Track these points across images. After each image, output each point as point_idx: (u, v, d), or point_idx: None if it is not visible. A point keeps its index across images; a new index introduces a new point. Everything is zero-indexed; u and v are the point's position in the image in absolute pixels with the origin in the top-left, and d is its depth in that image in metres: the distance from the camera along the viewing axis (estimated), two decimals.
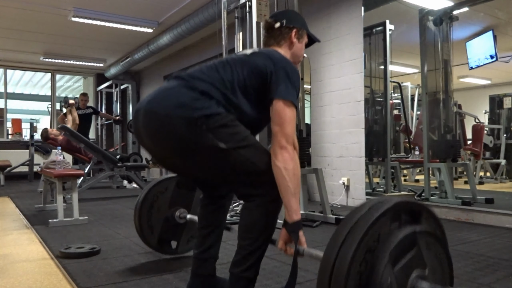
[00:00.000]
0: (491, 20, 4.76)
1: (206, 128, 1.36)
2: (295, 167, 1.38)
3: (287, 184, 1.36)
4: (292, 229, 1.41)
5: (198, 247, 1.69)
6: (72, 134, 5.44)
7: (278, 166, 1.38)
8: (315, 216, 3.51)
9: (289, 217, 1.40)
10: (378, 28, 4.70)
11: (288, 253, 1.43)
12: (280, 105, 1.42)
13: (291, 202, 1.38)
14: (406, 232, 1.08)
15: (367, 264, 1.03)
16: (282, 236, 1.44)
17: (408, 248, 1.08)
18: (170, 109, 1.37)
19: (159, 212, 2.25)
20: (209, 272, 1.68)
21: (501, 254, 2.42)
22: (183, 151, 1.42)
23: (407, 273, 1.08)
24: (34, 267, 2.25)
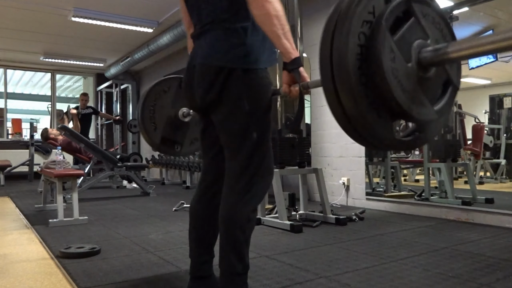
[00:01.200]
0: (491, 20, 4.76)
1: (242, 81, 1.43)
2: (275, 8, 1.34)
3: (273, 28, 1.36)
4: (292, 66, 1.39)
5: (194, 249, 1.67)
6: (72, 134, 5.45)
7: (257, 14, 1.37)
8: (315, 216, 3.51)
9: (286, 57, 1.39)
10: None
11: (294, 92, 1.43)
12: None
13: (283, 43, 1.37)
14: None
15: (365, 36, 1.02)
16: (284, 79, 1.44)
17: (405, 18, 1.06)
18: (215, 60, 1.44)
19: (162, 110, 2.20)
20: (207, 274, 1.67)
21: (501, 254, 2.42)
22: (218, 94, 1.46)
23: (408, 42, 1.06)
24: (34, 267, 2.25)
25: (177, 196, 5.23)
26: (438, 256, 2.37)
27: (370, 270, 2.10)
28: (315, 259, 2.32)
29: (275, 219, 3.27)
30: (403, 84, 1.04)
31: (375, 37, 1.02)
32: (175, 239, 2.85)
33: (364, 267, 2.15)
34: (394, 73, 1.02)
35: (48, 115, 9.69)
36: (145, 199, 5.24)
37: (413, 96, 1.06)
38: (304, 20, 4.31)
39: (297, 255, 2.40)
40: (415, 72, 1.06)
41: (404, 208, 4.00)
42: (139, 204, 4.71)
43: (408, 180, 5.98)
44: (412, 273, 2.05)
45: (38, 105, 12.57)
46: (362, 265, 2.19)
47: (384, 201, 4.21)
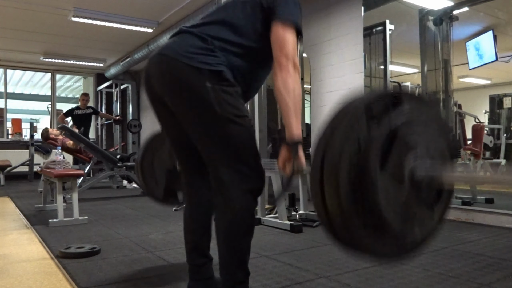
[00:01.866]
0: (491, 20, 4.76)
1: (211, 85, 1.37)
2: (294, 85, 1.37)
3: (286, 103, 1.36)
4: (292, 146, 1.40)
5: (190, 253, 1.67)
6: (72, 134, 5.45)
7: (277, 86, 1.38)
8: (315, 216, 3.51)
9: (289, 133, 1.40)
10: (378, 28, 4.70)
11: (287, 172, 1.42)
12: (280, 26, 1.42)
13: (291, 120, 1.38)
14: (385, 131, 1.01)
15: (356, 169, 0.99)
16: (282, 155, 1.43)
17: (391, 144, 1.02)
18: (183, 57, 1.39)
19: (161, 164, 2.21)
20: (206, 276, 1.67)
21: (501, 254, 2.42)
22: (182, 94, 1.42)
23: (400, 162, 1.03)
24: (34, 267, 2.25)
25: None
26: (438, 256, 2.37)
27: (370, 270, 2.10)
28: (315, 259, 2.32)
29: (275, 219, 3.27)
30: (395, 206, 1.02)
31: (365, 169, 0.99)
32: (175, 239, 2.85)
33: (364, 267, 2.15)
34: (385, 196, 1.00)
35: (48, 115, 9.69)
36: (145, 199, 5.24)
37: (406, 215, 1.04)
38: (304, 20, 4.31)
39: (297, 255, 2.40)
40: (407, 191, 1.03)
41: None
42: (139, 204, 4.71)
43: None
44: (412, 273, 2.05)
45: (38, 105, 12.57)
46: (362, 265, 2.19)
47: None
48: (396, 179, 1.02)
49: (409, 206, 1.05)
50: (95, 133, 9.48)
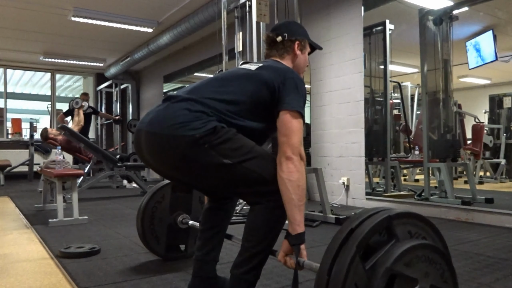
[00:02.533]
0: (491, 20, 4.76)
1: (209, 146, 1.35)
2: (300, 178, 1.36)
3: (291, 196, 1.35)
4: (294, 241, 1.37)
5: (200, 249, 1.68)
6: (72, 134, 5.44)
7: (282, 177, 1.36)
8: (315, 216, 3.51)
9: (292, 229, 1.38)
10: (378, 28, 4.70)
11: (288, 264, 1.40)
12: (287, 116, 1.42)
13: (295, 214, 1.37)
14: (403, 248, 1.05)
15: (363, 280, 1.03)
16: (283, 248, 1.41)
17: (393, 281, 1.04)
18: (172, 129, 1.36)
19: (162, 221, 2.25)
20: (210, 274, 1.68)
21: (501, 254, 2.42)
22: (187, 169, 1.43)
23: None
24: (34, 267, 2.25)
25: None
26: None
27: None
28: (315, 259, 2.31)
29: None
30: None
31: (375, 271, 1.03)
32: None
33: None
34: None
35: (48, 115, 9.69)
36: None
37: None
38: (304, 20, 4.31)
39: None
40: None
41: (404, 208, 4.00)
42: (139, 204, 4.70)
43: (408, 180, 5.98)
44: None
45: (38, 105, 12.57)
46: None
47: (384, 201, 4.21)
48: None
49: None
50: (95, 133, 9.48)
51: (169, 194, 2.26)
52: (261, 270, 1.47)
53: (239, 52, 3.97)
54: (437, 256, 1.12)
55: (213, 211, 1.70)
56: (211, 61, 6.96)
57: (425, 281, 1.07)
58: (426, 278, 1.08)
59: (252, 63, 1.66)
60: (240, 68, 1.63)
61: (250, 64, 1.63)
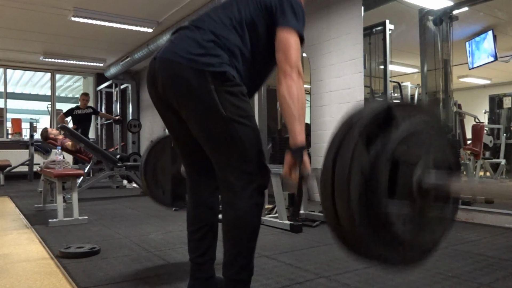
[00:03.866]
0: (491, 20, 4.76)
1: (214, 87, 1.37)
2: (299, 92, 1.38)
3: (291, 111, 1.37)
4: (296, 152, 1.39)
5: (194, 252, 1.66)
6: (72, 134, 5.45)
7: (281, 92, 1.39)
8: (315, 216, 3.51)
9: (293, 140, 1.39)
10: (378, 28, 4.70)
11: (293, 178, 1.42)
12: (284, 33, 1.43)
13: (295, 127, 1.38)
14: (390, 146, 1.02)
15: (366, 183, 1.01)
16: (286, 162, 1.42)
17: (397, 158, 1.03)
18: (182, 58, 1.39)
19: (165, 172, 2.23)
20: (208, 275, 1.66)
21: (501, 254, 2.42)
22: (186, 103, 1.42)
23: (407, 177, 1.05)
24: (34, 267, 2.25)
25: None
26: (438, 256, 2.37)
27: (370, 270, 2.10)
28: (315, 259, 2.32)
29: (275, 219, 3.27)
30: (403, 217, 1.04)
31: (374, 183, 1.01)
32: (175, 239, 2.85)
33: (364, 267, 2.15)
34: (395, 208, 1.02)
35: (48, 115, 9.69)
36: (145, 199, 5.23)
37: (414, 225, 1.06)
38: None
39: (297, 255, 2.40)
40: (416, 201, 1.06)
41: None
42: (139, 204, 4.71)
43: None
44: (412, 273, 2.05)
45: (38, 105, 12.57)
46: (362, 265, 2.18)
47: None
48: (404, 190, 1.04)
49: (418, 216, 1.07)
50: (95, 133, 9.48)
51: (169, 145, 2.24)
52: (252, 265, 1.47)
53: None
54: (436, 135, 1.12)
55: (198, 210, 1.66)
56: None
57: (427, 157, 1.08)
58: (428, 156, 1.08)
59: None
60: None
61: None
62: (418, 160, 1.06)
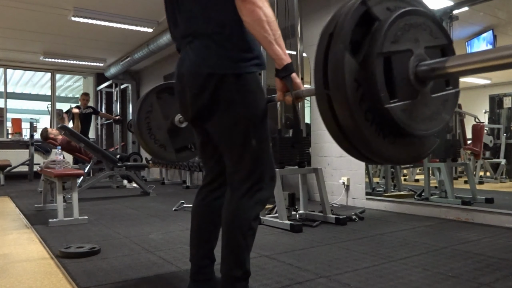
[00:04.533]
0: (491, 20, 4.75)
1: (235, 87, 1.40)
2: (263, 13, 1.31)
3: (263, 34, 1.32)
4: (284, 74, 1.37)
5: (195, 253, 1.66)
6: (72, 134, 5.45)
7: (246, 21, 1.34)
8: (315, 215, 3.51)
9: (278, 63, 1.37)
10: None
11: (287, 100, 1.42)
12: None
13: (275, 49, 1.34)
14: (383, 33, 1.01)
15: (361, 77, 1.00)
16: (277, 86, 1.42)
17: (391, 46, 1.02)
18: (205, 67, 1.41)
19: (160, 129, 2.23)
20: (207, 277, 1.67)
21: (501, 254, 2.42)
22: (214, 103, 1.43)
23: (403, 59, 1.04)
24: (34, 267, 2.25)
25: (177, 196, 5.23)
26: (438, 256, 2.37)
27: (370, 270, 2.10)
28: (315, 259, 2.31)
29: (275, 219, 3.27)
30: (404, 105, 1.02)
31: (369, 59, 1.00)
32: (175, 239, 2.85)
33: (364, 267, 2.15)
34: (394, 97, 1.00)
35: (48, 115, 9.69)
36: (145, 199, 5.24)
37: (413, 112, 1.04)
38: (304, 20, 4.31)
39: (297, 255, 2.40)
40: (412, 87, 1.04)
41: (404, 208, 4.00)
42: (139, 204, 4.71)
43: (408, 179, 5.98)
44: (412, 272, 2.05)
45: (38, 105, 12.58)
46: (362, 265, 2.19)
47: (384, 201, 4.21)
48: (402, 78, 1.02)
49: (417, 104, 1.06)
50: (95, 133, 9.48)
51: (156, 101, 2.23)
52: (247, 263, 1.47)
53: None
54: (419, 18, 1.08)
55: (205, 209, 1.67)
56: None
57: (418, 47, 1.05)
58: (418, 43, 1.06)
59: None
60: None
61: None
62: (409, 50, 1.04)
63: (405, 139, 1.07)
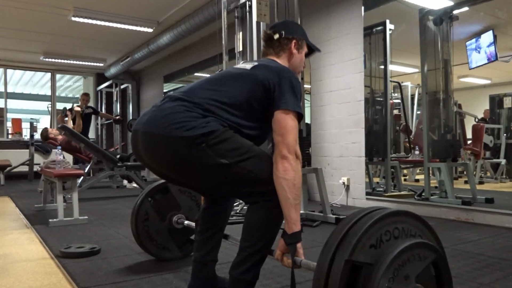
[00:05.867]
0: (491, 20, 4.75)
1: (206, 145, 1.35)
2: (295, 177, 1.36)
3: (286, 195, 1.35)
4: (291, 240, 1.38)
5: (198, 251, 1.67)
6: (72, 134, 5.44)
7: (278, 176, 1.37)
8: (315, 216, 3.51)
9: (288, 228, 1.38)
10: (378, 28, 4.70)
11: (285, 263, 1.41)
12: (282, 115, 1.41)
13: (291, 213, 1.36)
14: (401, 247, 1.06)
15: None
16: (280, 246, 1.42)
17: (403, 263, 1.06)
18: (168, 130, 1.36)
19: (159, 232, 2.25)
20: (209, 275, 1.67)
21: (501, 253, 2.42)
22: (184, 170, 1.43)
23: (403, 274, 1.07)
24: (34, 267, 2.25)
25: None
26: None
27: None
28: (315, 259, 2.31)
29: None
30: None
31: None
32: None
33: None
34: None
35: (48, 115, 9.69)
36: None
37: None
38: (304, 20, 4.31)
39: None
40: None
41: (404, 208, 4.00)
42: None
43: (408, 180, 5.98)
44: None
45: (38, 105, 12.57)
46: None
47: (384, 201, 4.21)
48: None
49: None
50: (95, 133, 9.49)
51: (151, 206, 2.25)
52: (259, 269, 1.47)
53: (239, 52, 3.97)
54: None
55: (211, 211, 1.69)
56: (211, 61, 6.96)
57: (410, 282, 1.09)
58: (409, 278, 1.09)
59: (247, 62, 1.65)
60: (235, 67, 1.62)
61: (246, 63, 1.62)
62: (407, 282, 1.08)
63: None
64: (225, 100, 1.43)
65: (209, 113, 1.40)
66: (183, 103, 1.41)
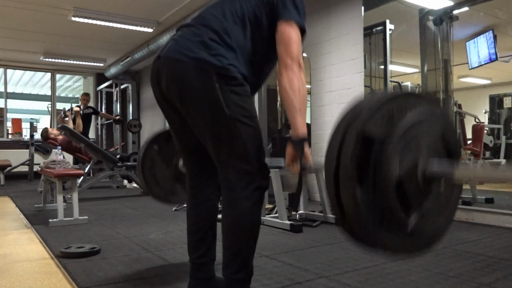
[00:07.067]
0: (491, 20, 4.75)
1: (219, 86, 1.37)
2: (300, 84, 1.39)
3: (292, 102, 1.38)
4: (298, 144, 1.40)
5: (193, 252, 1.66)
6: (72, 134, 5.45)
7: (283, 85, 1.40)
8: (315, 215, 3.51)
9: (295, 132, 1.40)
10: (378, 28, 4.70)
11: (295, 169, 1.44)
12: (285, 26, 1.44)
13: (296, 119, 1.39)
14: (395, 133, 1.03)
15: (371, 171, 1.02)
16: (288, 153, 1.45)
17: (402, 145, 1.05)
18: (185, 56, 1.39)
19: (161, 167, 2.25)
20: (208, 276, 1.66)
21: (501, 254, 2.42)
22: (190, 96, 1.42)
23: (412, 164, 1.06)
24: (34, 267, 2.25)
25: None
26: (438, 256, 2.37)
27: (370, 270, 2.10)
28: (315, 259, 2.31)
29: (275, 219, 3.27)
30: (408, 204, 1.05)
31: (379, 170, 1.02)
32: (175, 239, 2.85)
33: (364, 267, 2.15)
34: (398, 195, 1.03)
35: (48, 115, 9.69)
36: (145, 199, 5.23)
37: (417, 209, 1.07)
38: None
39: (297, 255, 2.40)
40: (420, 186, 1.07)
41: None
42: (139, 204, 4.71)
43: None
44: (412, 272, 2.05)
45: (38, 105, 12.58)
46: (362, 265, 2.19)
47: None
48: (409, 177, 1.05)
49: (422, 204, 1.08)
50: (95, 133, 9.48)
51: (156, 153, 2.25)
52: (251, 264, 1.47)
53: None
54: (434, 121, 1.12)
55: (198, 209, 1.65)
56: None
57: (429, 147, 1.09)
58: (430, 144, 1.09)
59: None
60: None
61: None
62: (420, 151, 1.07)
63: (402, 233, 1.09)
64: (235, 18, 1.45)
65: (224, 40, 1.40)
66: (201, 31, 1.43)
